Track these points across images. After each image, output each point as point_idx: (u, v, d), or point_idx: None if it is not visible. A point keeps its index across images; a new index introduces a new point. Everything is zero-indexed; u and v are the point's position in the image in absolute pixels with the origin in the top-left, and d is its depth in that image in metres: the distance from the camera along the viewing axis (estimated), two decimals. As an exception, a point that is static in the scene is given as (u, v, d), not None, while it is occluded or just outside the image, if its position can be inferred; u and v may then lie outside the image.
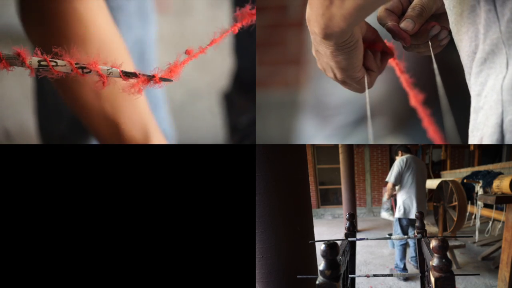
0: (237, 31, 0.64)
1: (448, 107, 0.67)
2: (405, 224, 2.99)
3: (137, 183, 1.21)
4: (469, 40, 0.65)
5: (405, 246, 3.06)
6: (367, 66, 0.77)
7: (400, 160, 3.09)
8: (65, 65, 0.54)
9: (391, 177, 3.09)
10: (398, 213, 3.01)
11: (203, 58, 0.63)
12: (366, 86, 0.77)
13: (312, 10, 0.66)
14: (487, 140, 0.62)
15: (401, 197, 3.05)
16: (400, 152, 3.24)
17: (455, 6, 0.67)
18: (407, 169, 3.03)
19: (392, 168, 3.13)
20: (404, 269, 3.04)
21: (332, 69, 0.75)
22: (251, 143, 1.69)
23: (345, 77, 0.76)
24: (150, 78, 0.56)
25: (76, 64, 0.54)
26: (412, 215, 2.92)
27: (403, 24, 0.75)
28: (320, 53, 0.73)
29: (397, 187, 3.10)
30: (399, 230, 3.01)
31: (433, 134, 0.69)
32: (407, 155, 3.11)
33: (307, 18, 0.69)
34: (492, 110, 0.62)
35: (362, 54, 0.74)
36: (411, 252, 3.09)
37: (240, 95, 1.72)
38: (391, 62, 0.80)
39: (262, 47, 2.42)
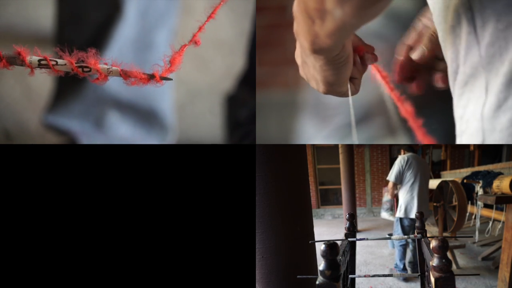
0: None
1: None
2: (407, 225, 2.95)
3: (137, 183, 1.21)
4: (451, 60, 0.64)
5: (405, 247, 3.03)
6: (351, 74, 0.75)
7: (401, 159, 3.06)
8: (65, 64, 0.54)
9: (391, 175, 3.06)
10: (399, 213, 2.99)
11: (204, 58, 0.62)
12: (350, 94, 0.76)
13: (299, 26, 0.65)
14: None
15: (402, 196, 3.02)
16: (402, 150, 3.21)
17: (440, 23, 0.66)
18: (408, 167, 3.00)
19: (393, 167, 3.11)
20: (404, 269, 3.02)
21: (317, 81, 0.74)
22: (251, 143, 1.69)
23: (329, 91, 0.74)
24: (151, 77, 0.56)
25: (76, 63, 0.54)
26: (413, 214, 2.89)
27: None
28: (307, 64, 0.72)
29: (398, 186, 3.08)
30: (399, 230, 2.97)
31: (421, 137, 0.69)
32: (409, 154, 3.07)
33: (295, 31, 0.67)
34: (473, 138, 0.61)
35: (351, 69, 0.72)
36: (409, 256, 3.06)
37: (245, 94, 1.73)
38: (376, 75, 0.78)
39: (262, 47, 2.42)
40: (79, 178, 1.20)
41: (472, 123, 0.61)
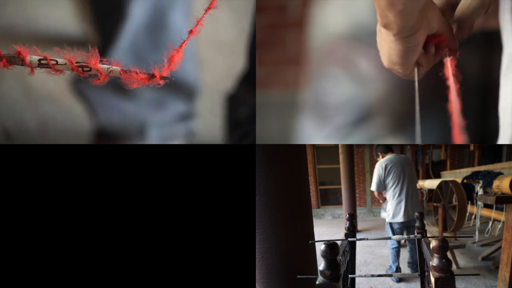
0: None
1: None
2: (397, 228, 2.89)
3: (137, 183, 1.21)
4: (505, 46, 0.65)
5: (397, 250, 2.98)
6: (417, 61, 0.75)
7: (378, 166, 2.94)
8: (65, 63, 0.54)
9: (373, 185, 2.97)
10: (388, 217, 2.93)
11: (204, 58, 0.62)
12: (415, 79, 0.76)
13: None
14: None
15: (389, 201, 2.94)
16: (380, 154, 3.08)
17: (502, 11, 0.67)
18: (388, 173, 2.88)
19: (373, 175, 3.00)
20: (396, 271, 3.00)
21: (383, 54, 0.74)
22: (251, 143, 1.69)
23: (390, 68, 0.74)
24: (151, 76, 0.56)
25: (76, 62, 0.54)
26: (401, 218, 2.83)
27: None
28: (381, 34, 0.72)
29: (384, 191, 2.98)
30: (390, 234, 2.92)
31: (456, 136, 0.68)
32: (387, 157, 2.96)
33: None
34: (505, 133, 0.61)
35: (417, 57, 0.72)
36: (407, 257, 3.02)
37: (245, 94, 1.73)
38: (447, 69, 0.77)
39: (262, 47, 2.42)
40: (79, 178, 1.20)
41: (506, 118, 0.61)
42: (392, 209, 2.89)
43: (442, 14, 0.72)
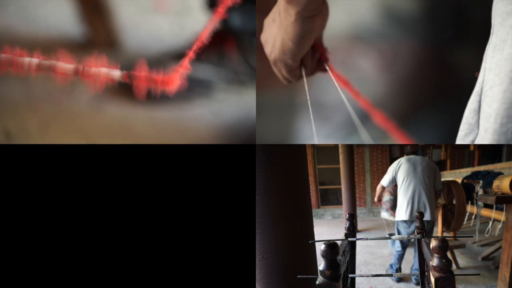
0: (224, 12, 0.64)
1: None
2: (401, 226, 2.85)
3: (136, 183, 1.21)
4: None
5: (400, 254, 2.95)
6: (303, 60, 0.79)
7: (394, 162, 2.96)
8: (66, 65, 0.54)
9: (384, 179, 2.98)
10: (396, 215, 2.92)
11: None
12: (304, 76, 0.80)
13: None
14: None
15: (398, 198, 2.93)
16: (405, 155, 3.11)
17: None
18: (399, 169, 2.89)
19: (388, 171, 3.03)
20: (396, 272, 2.98)
21: (274, 44, 0.76)
22: (251, 143, 1.69)
23: (280, 57, 0.77)
24: (152, 81, 0.56)
25: (77, 65, 0.54)
26: (403, 216, 2.80)
27: None
28: (275, 22, 0.74)
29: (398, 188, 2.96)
30: (396, 233, 2.94)
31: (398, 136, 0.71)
32: (407, 156, 2.96)
33: None
34: None
35: (307, 48, 0.76)
36: (414, 263, 2.95)
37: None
38: (330, 71, 0.83)
39: (262, 47, 2.41)
40: (79, 178, 1.20)
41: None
42: (398, 206, 2.86)
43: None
